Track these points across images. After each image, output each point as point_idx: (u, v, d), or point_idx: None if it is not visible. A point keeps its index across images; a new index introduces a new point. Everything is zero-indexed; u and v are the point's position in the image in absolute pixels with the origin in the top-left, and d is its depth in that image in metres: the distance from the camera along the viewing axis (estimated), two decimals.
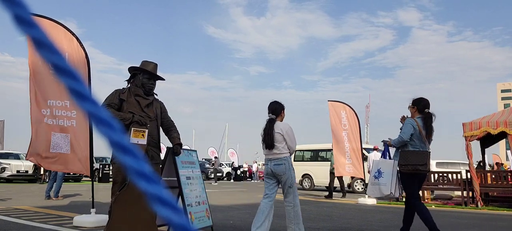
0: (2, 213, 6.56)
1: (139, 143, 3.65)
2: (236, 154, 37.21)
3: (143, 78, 3.93)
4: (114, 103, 3.79)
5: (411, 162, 4.70)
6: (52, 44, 0.41)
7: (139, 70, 3.96)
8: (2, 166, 16.84)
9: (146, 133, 3.71)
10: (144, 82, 3.92)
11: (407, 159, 4.73)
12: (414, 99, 5.01)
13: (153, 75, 3.97)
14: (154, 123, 3.90)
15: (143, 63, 4.03)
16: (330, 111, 11.60)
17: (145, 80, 3.93)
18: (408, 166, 4.71)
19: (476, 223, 6.86)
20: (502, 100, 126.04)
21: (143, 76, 3.93)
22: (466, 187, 10.16)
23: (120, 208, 3.56)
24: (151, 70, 3.96)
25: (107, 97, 3.86)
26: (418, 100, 4.97)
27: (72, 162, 5.61)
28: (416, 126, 4.79)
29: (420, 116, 4.88)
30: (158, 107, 4.05)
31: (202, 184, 5.24)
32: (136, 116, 3.73)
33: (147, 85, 3.93)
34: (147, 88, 3.94)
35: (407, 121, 4.84)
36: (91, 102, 0.42)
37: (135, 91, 3.88)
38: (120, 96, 3.83)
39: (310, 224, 6.21)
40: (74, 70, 0.42)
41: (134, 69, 4.01)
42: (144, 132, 3.70)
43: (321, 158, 17.86)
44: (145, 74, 3.94)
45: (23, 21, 0.40)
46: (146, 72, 3.94)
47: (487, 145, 11.98)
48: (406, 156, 4.73)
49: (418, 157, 4.70)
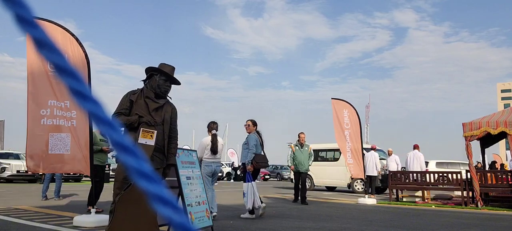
0: (2, 213, 6.56)
1: (147, 143, 3.66)
2: (236, 154, 37.21)
3: (159, 80, 3.91)
4: (124, 109, 3.77)
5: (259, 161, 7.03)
6: (53, 44, 0.41)
7: (157, 71, 3.94)
8: (2, 166, 16.84)
9: (155, 134, 3.71)
10: (160, 84, 3.90)
11: (257, 159, 7.02)
12: (249, 120, 7.38)
13: (170, 77, 3.96)
14: (160, 128, 3.83)
15: (161, 65, 4.01)
16: (333, 109, 11.56)
17: (161, 82, 3.91)
18: (258, 164, 7.03)
19: (476, 223, 6.86)
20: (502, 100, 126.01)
21: (159, 77, 3.91)
22: (466, 187, 10.16)
23: (123, 208, 3.56)
24: (168, 72, 3.94)
25: (119, 104, 3.85)
26: (253, 121, 7.35)
27: (72, 162, 5.61)
28: (257, 138, 7.17)
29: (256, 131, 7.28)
30: (168, 111, 3.97)
31: (202, 184, 5.25)
32: (146, 117, 3.72)
33: (163, 87, 3.92)
34: (163, 90, 3.92)
35: (251, 136, 7.14)
36: (92, 102, 0.42)
37: (146, 94, 3.85)
38: (130, 97, 3.82)
39: (310, 224, 6.21)
40: (75, 70, 0.42)
41: (151, 70, 3.98)
42: (152, 133, 3.69)
43: (321, 158, 17.86)
44: (162, 76, 3.92)
45: (24, 21, 0.41)
46: (163, 74, 3.92)
47: (487, 145, 11.99)
48: (257, 158, 7.02)
49: (262, 158, 7.15)
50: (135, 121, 3.68)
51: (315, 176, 17.38)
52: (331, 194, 15.19)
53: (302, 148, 10.54)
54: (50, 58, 0.41)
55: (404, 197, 11.86)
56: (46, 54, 0.41)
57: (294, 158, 10.58)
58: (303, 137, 10.61)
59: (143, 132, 3.64)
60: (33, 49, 4.15)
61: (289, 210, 8.31)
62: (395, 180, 11.42)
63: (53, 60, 0.41)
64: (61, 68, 0.41)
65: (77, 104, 0.42)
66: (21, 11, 0.40)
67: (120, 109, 3.78)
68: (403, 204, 10.92)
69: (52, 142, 5.55)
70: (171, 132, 4.04)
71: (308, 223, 6.32)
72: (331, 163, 17.30)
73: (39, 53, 0.41)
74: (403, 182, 11.39)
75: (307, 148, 10.63)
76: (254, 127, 7.23)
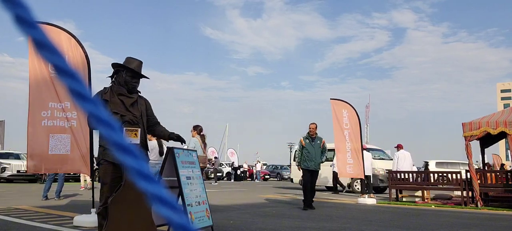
0: (2, 213, 6.56)
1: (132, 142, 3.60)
2: (236, 154, 37.22)
3: (126, 76, 3.73)
4: None
5: None
6: (52, 45, 0.41)
7: (123, 67, 3.78)
8: (2, 166, 16.84)
9: (139, 131, 3.63)
10: (127, 81, 3.73)
11: None
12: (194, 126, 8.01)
13: (136, 73, 3.80)
14: (140, 122, 3.74)
15: (127, 60, 3.84)
16: (332, 110, 11.57)
17: (128, 78, 3.73)
18: None
19: (475, 223, 6.86)
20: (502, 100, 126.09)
21: (126, 74, 3.74)
22: (466, 187, 10.16)
23: (117, 209, 3.53)
24: (134, 68, 3.77)
25: None
26: (194, 126, 7.98)
27: (72, 162, 5.61)
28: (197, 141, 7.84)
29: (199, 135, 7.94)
30: (142, 104, 3.85)
31: (202, 184, 5.24)
32: (128, 116, 3.62)
33: (130, 83, 3.75)
34: (130, 86, 3.75)
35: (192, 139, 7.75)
36: (91, 102, 0.42)
37: (118, 91, 3.70)
38: (103, 97, 3.65)
39: (310, 224, 6.21)
40: (74, 71, 0.42)
41: (117, 66, 3.82)
42: (136, 131, 3.61)
43: None
44: (128, 72, 3.74)
45: (24, 22, 0.41)
46: (129, 70, 3.76)
47: (487, 145, 11.98)
48: None
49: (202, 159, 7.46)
50: (117, 120, 3.63)
51: None
52: (331, 194, 15.19)
53: (313, 141, 8.80)
54: (50, 59, 0.41)
55: (404, 197, 11.86)
56: (46, 55, 0.41)
57: (303, 153, 8.84)
58: (314, 127, 8.91)
59: (127, 131, 3.55)
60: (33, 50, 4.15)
61: (289, 210, 8.32)
62: (395, 180, 11.42)
63: (53, 61, 0.41)
64: (60, 69, 0.42)
65: (76, 105, 0.43)
66: (21, 12, 0.41)
67: None
68: (403, 204, 10.91)
69: (53, 143, 5.56)
70: (152, 120, 3.96)
71: (308, 223, 6.32)
72: (331, 163, 17.30)
73: (38, 54, 0.42)
74: (403, 182, 11.39)
75: (319, 141, 8.86)
76: (195, 132, 8.01)
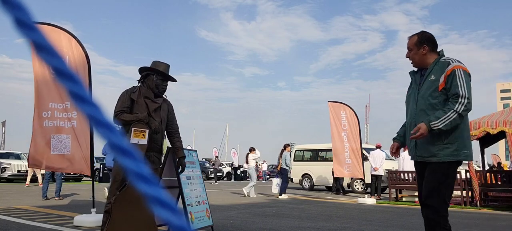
0: (2, 212, 6.57)
1: (139, 143, 3.61)
2: (237, 154, 37.26)
3: (157, 80, 3.86)
4: (126, 106, 3.74)
5: None
6: (52, 48, 0.42)
7: (152, 71, 3.90)
8: (2, 165, 16.83)
9: (147, 133, 3.66)
10: (158, 84, 3.87)
11: None
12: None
13: (166, 76, 3.93)
14: (158, 128, 3.81)
15: (155, 64, 3.96)
16: (330, 112, 11.63)
17: (159, 81, 3.87)
18: None
19: (475, 223, 6.86)
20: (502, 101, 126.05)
21: (157, 77, 3.87)
22: (466, 187, 10.16)
23: (120, 208, 3.55)
24: (163, 70, 3.90)
25: (119, 102, 3.78)
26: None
27: (73, 162, 5.62)
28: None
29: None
30: (165, 110, 3.95)
31: (202, 184, 5.25)
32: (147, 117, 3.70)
33: (161, 86, 3.89)
34: (161, 89, 3.90)
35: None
36: (90, 105, 0.42)
37: (145, 93, 3.81)
38: (131, 96, 3.77)
39: (310, 224, 6.21)
40: (74, 74, 0.42)
41: (146, 70, 3.94)
42: (144, 132, 3.64)
43: (320, 157, 17.88)
44: (159, 75, 3.88)
45: (23, 25, 0.41)
46: (160, 73, 3.88)
47: (486, 144, 11.98)
48: None
49: None
50: (145, 117, 3.65)
51: (315, 175, 17.41)
52: (330, 193, 15.19)
53: None
54: (49, 62, 0.41)
55: (403, 197, 11.86)
56: (45, 57, 0.41)
57: None
58: None
59: (135, 131, 3.58)
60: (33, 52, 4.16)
61: (289, 210, 8.32)
62: (395, 180, 11.42)
63: (52, 63, 0.42)
64: (60, 71, 0.42)
65: (76, 107, 0.43)
66: (20, 15, 0.41)
67: (122, 107, 3.74)
68: (402, 203, 10.91)
69: (54, 143, 5.58)
70: (170, 127, 4.05)
71: (308, 222, 6.33)
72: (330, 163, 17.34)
73: (38, 56, 0.42)
74: (403, 182, 11.39)
75: None
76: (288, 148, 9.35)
